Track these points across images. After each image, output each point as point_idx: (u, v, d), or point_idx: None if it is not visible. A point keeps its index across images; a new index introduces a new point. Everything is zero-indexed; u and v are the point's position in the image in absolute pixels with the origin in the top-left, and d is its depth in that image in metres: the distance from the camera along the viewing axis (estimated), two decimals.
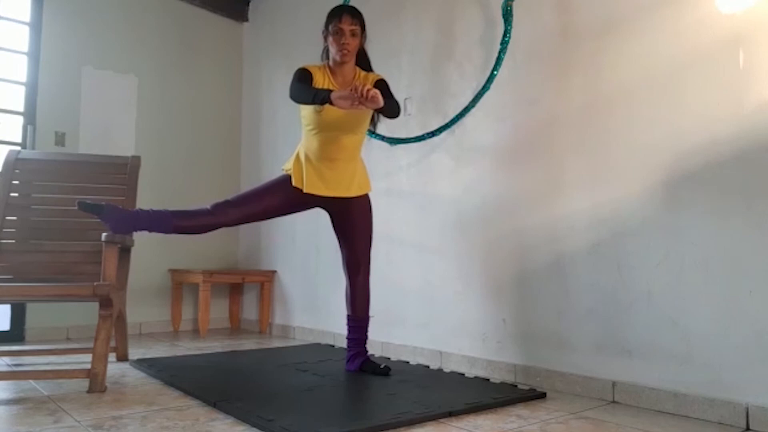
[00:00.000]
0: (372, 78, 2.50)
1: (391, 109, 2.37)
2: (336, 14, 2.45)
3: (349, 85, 2.41)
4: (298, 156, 2.52)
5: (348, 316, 2.63)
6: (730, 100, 1.95)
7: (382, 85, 2.45)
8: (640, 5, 2.21)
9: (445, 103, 2.95)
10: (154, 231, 2.43)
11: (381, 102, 2.12)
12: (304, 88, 2.29)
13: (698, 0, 2.05)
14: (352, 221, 2.57)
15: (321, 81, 2.45)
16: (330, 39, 2.45)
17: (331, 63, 2.51)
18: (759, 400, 1.83)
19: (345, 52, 2.42)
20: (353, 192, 2.52)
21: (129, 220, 2.39)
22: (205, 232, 2.49)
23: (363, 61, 2.56)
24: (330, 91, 2.18)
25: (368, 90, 2.08)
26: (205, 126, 4.37)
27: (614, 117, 2.26)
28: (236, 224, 2.53)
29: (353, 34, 2.43)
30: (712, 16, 2.02)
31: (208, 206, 2.46)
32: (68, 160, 3.10)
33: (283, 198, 2.51)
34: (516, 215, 2.58)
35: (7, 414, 1.90)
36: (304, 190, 2.46)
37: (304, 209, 2.62)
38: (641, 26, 2.20)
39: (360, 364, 2.57)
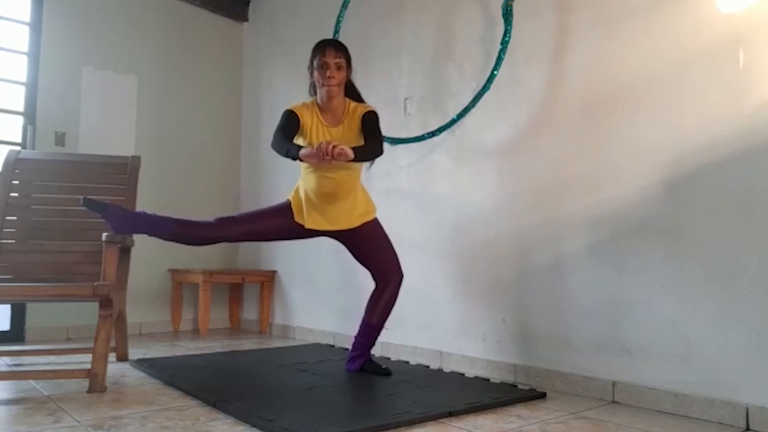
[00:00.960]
0: (360, 111, 2.45)
1: (368, 154, 2.32)
2: (319, 48, 2.43)
3: (338, 121, 2.43)
4: (297, 191, 2.53)
5: (363, 320, 2.58)
6: (730, 100, 1.95)
7: (370, 118, 2.42)
8: (640, 5, 2.21)
9: (445, 103, 2.95)
10: (154, 235, 2.43)
11: (350, 155, 2.11)
12: (280, 141, 2.29)
13: (698, 0, 2.05)
14: (366, 245, 2.55)
15: (309, 120, 2.42)
16: (315, 74, 2.42)
17: (318, 100, 2.47)
18: (759, 400, 1.83)
19: (330, 86, 2.38)
20: (356, 223, 2.51)
21: (131, 221, 2.39)
22: (204, 244, 2.49)
23: (352, 93, 2.53)
24: (299, 148, 2.19)
25: (333, 147, 2.07)
26: (205, 126, 4.37)
27: (614, 117, 2.26)
28: (236, 241, 2.54)
29: (338, 67, 2.39)
30: (712, 16, 2.02)
31: (212, 219, 2.46)
32: (68, 160, 3.10)
33: (286, 225, 2.51)
34: (516, 215, 2.58)
35: (7, 414, 1.90)
36: (306, 226, 2.48)
37: (309, 237, 2.60)
38: (641, 26, 2.20)
39: (361, 364, 2.56)
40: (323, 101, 2.45)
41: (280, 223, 2.51)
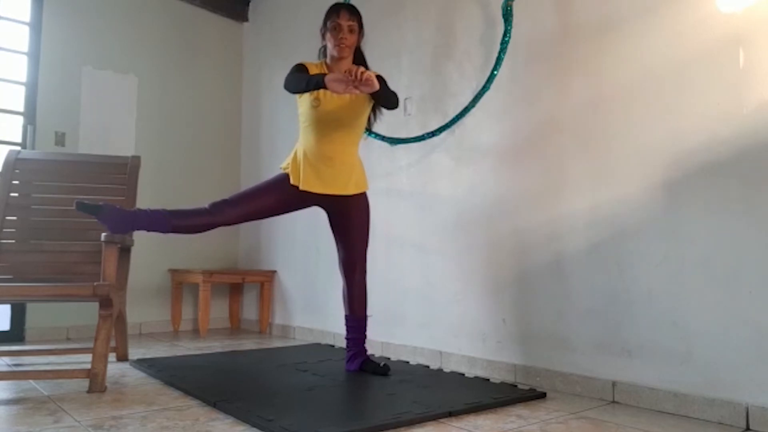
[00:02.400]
0: None
1: (388, 98, 2.37)
2: (334, 10, 2.46)
3: None
4: (296, 154, 2.52)
5: (346, 316, 2.62)
6: (730, 100, 1.95)
7: (379, 78, 2.44)
8: (640, 5, 2.21)
9: (445, 103, 2.95)
10: (152, 230, 2.43)
11: (376, 85, 2.11)
12: (298, 77, 2.29)
13: (698, 0, 2.05)
14: (350, 219, 2.56)
15: None
16: (328, 35, 2.47)
17: (328, 60, 2.52)
18: (759, 400, 1.83)
19: (342, 46, 2.43)
20: (350, 190, 2.51)
21: (127, 220, 2.39)
22: (203, 231, 2.48)
23: (360, 61, 2.56)
24: (324, 75, 2.17)
25: (362, 72, 2.08)
26: (205, 126, 4.37)
27: (614, 117, 2.26)
28: (234, 223, 2.51)
29: (351, 30, 2.45)
30: (712, 16, 2.02)
31: (206, 205, 2.45)
32: (68, 160, 3.10)
33: (281, 196, 2.50)
34: (516, 215, 2.58)
35: (7, 414, 1.90)
36: (301, 188, 2.45)
37: (303, 207, 2.61)
38: (641, 26, 2.20)
39: (360, 363, 2.57)
40: (332, 61, 2.49)
41: (274, 198, 2.49)
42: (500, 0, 2.64)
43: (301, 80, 2.25)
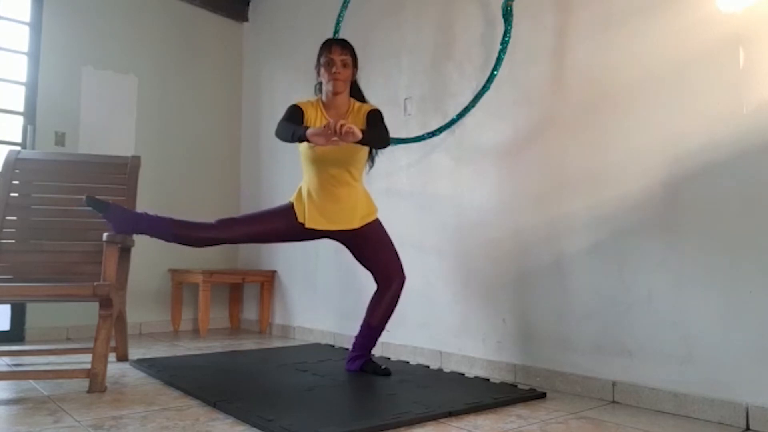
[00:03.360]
0: (365, 109, 2.45)
1: (376, 139, 2.33)
2: (326, 46, 2.46)
3: (342, 117, 2.41)
4: (300, 192, 2.52)
5: (364, 320, 2.56)
6: (730, 100, 1.95)
7: (374, 116, 2.43)
8: (639, 5, 2.21)
9: (445, 103, 2.95)
10: (155, 236, 2.42)
11: (358, 134, 2.08)
12: (285, 127, 2.28)
13: (698, 0, 2.05)
14: (365, 247, 2.53)
15: (313, 116, 2.43)
16: (322, 71, 2.45)
17: (324, 97, 2.49)
18: (759, 400, 1.83)
19: (337, 80, 2.41)
20: (356, 224, 2.48)
21: (132, 221, 2.39)
22: (204, 246, 2.48)
23: (356, 94, 2.55)
24: (305, 128, 2.17)
25: (341, 125, 2.05)
26: (205, 126, 4.37)
27: (614, 117, 2.26)
28: (237, 242, 2.51)
29: (344, 65, 2.42)
30: (712, 15, 2.02)
31: (213, 221, 2.45)
32: (68, 160, 3.10)
33: (288, 227, 2.48)
34: (516, 215, 2.58)
35: (7, 414, 1.90)
36: (306, 225, 2.46)
37: (313, 239, 2.58)
38: (641, 26, 2.20)
39: (361, 364, 2.56)
40: (328, 98, 2.47)
41: (281, 225, 2.49)
42: (500, 0, 2.64)
43: (288, 131, 2.23)
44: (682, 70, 2.08)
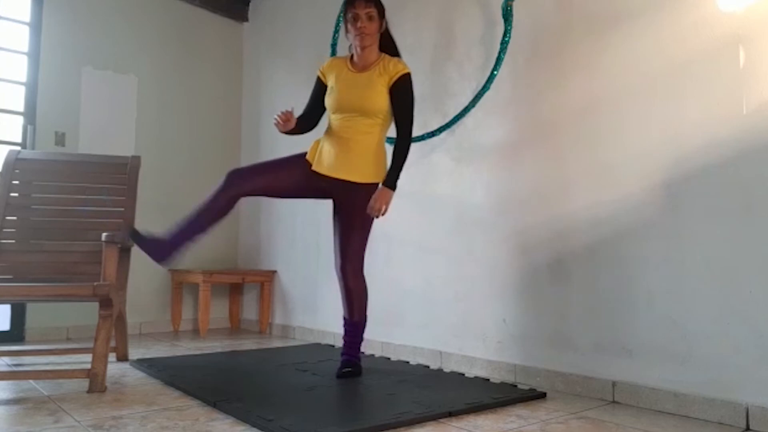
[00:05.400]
0: (394, 70, 2.43)
1: (402, 159, 2.44)
2: (350, 1, 2.43)
3: (366, 68, 2.44)
4: (318, 140, 2.52)
5: (344, 318, 2.55)
6: (730, 100, 1.95)
7: (403, 86, 2.43)
8: (640, 5, 2.21)
9: (445, 103, 2.95)
10: (194, 241, 2.34)
11: (385, 212, 2.41)
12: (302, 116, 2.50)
13: (698, 0, 2.05)
14: (353, 211, 2.44)
15: (336, 72, 2.47)
16: (348, 27, 2.45)
17: (354, 52, 2.50)
18: (759, 400, 1.83)
19: (363, 35, 2.40)
20: (356, 177, 2.41)
21: (165, 244, 2.30)
22: (231, 207, 2.38)
23: (389, 45, 2.53)
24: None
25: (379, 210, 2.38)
26: (205, 126, 4.37)
27: (614, 117, 2.26)
28: (249, 193, 2.41)
29: (369, 18, 2.41)
30: (712, 15, 2.02)
31: (222, 182, 2.37)
32: (68, 160, 3.10)
33: (297, 172, 2.45)
34: (516, 215, 2.57)
35: (7, 414, 1.90)
36: (313, 168, 2.43)
37: (314, 194, 2.52)
38: (641, 26, 2.20)
39: (340, 366, 2.49)
40: (357, 53, 2.47)
41: (294, 172, 2.45)
42: (500, 0, 2.64)
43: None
44: (682, 70, 2.08)
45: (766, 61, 1.89)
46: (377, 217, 2.39)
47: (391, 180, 2.40)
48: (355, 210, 2.44)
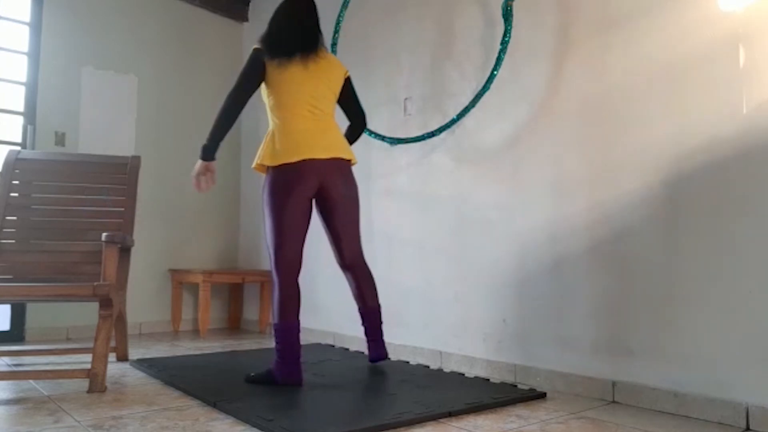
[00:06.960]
0: (341, 68, 2.50)
1: (358, 135, 2.59)
2: None
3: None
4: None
5: (359, 310, 2.58)
6: (730, 100, 1.95)
7: (351, 84, 2.55)
8: (640, 5, 2.21)
9: (445, 103, 2.95)
10: (299, 346, 2.32)
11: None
12: (224, 107, 2.56)
13: (698, 0, 2.05)
14: (345, 208, 2.44)
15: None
16: None
17: None
18: (759, 400, 1.83)
19: None
20: (348, 154, 2.42)
21: (287, 365, 2.29)
22: (298, 296, 2.40)
23: None
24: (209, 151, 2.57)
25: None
26: (205, 126, 4.32)
27: (614, 117, 2.26)
28: (299, 266, 2.39)
29: None
30: (712, 15, 2.02)
31: (275, 279, 2.38)
32: (68, 160, 3.09)
33: (306, 207, 2.37)
34: (516, 215, 2.58)
35: (7, 414, 1.90)
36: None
37: (311, 194, 2.38)
38: (641, 26, 2.20)
39: (373, 350, 2.56)
40: None
41: (303, 207, 2.34)
42: (500, 0, 2.64)
43: (217, 125, 2.60)
44: (682, 70, 2.08)
45: (766, 61, 1.89)
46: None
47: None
48: (351, 204, 2.48)
